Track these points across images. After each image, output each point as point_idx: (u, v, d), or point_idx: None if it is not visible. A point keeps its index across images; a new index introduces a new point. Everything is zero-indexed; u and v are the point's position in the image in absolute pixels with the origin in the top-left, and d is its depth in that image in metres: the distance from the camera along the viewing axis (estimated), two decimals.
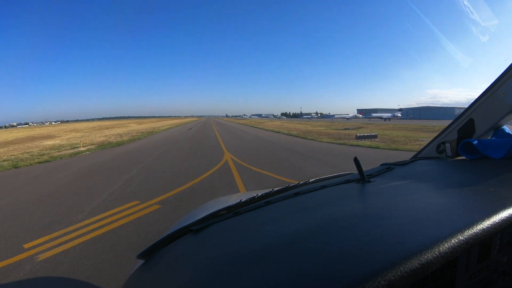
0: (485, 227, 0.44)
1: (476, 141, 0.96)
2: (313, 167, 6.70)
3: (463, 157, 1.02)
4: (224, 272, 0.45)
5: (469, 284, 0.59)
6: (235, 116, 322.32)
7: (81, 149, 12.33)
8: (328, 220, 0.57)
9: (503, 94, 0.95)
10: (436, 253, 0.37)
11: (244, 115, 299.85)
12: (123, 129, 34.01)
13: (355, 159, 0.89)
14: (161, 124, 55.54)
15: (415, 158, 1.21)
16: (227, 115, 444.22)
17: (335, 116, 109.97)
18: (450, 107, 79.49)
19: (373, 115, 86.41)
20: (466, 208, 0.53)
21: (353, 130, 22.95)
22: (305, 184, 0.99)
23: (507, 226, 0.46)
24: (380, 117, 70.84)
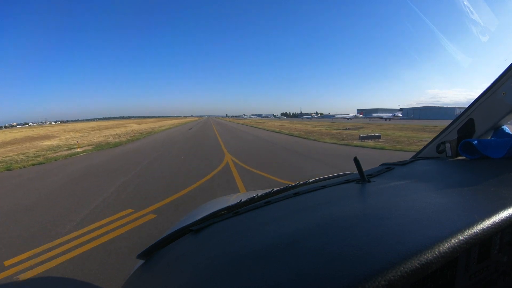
0: (485, 227, 0.44)
1: (476, 141, 0.96)
2: (319, 170, 6.38)
3: (463, 157, 1.02)
4: (224, 272, 0.45)
5: (469, 284, 0.59)
6: (235, 116, 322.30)
7: (78, 150, 12.24)
8: (328, 220, 0.57)
9: (503, 94, 0.95)
10: (436, 253, 0.37)
11: (244, 115, 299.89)
12: (122, 129, 33.96)
13: (355, 159, 0.89)
14: (160, 124, 55.43)
15: (415, 158, 1.21)
16: (227, 115, 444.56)
17: (335, 116, 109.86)
18: (451, 107, 79.44)
19: (374, 115, 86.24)
20: (466, 208, 0.53)
21: (354, 130, 22.79)
22: (305, 184, 0.99)
23: (507, 226, 0.46)
24: (381, 117, 70.69)
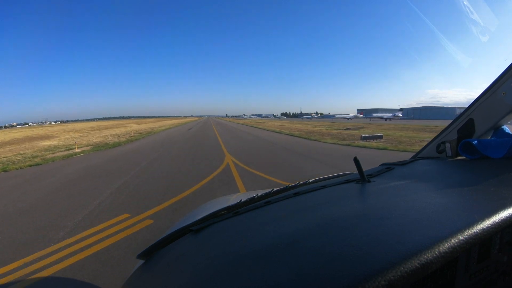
0: (485, 227, 0.44)
1: (476, 141, 0.96)
2: (322, 171, 6.10)
3: (463, 157, 1.02)
4: (224, 272, 0.45)
5: (469, 284, 0.59)
6: (235, 116, 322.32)
7: (76, 150, 12.10)
8: (328, 220, 0.57)
9: (503, 94, 0.95)
10: (436, 253, 0.37)
11: (244, 115, 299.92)
12: (122, 129, 33.89)
13: (355, 159, 0.89)
14: (160, 124, 55.29)
15: (415, 158, 1.21)
16: (227, 115, 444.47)
17: (336, 116, 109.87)
18: (451, 107, 79.36)
19: (374, 115, 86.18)
20: (466, 208, 0.53)
21: (355, 130, 22.68)
22: (305, 184, 0.99)
23: (507, 226, 0.46)
24: (381, 117, 70.65)
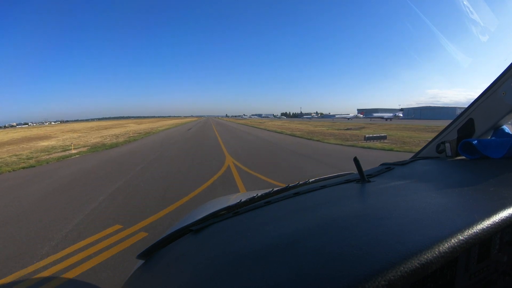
0: (485, 226, 0.44)
1: (476, 141, 0.96)
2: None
3: (463, 157, 1.02)
4: (224, 272, 0.45)
5: (469, 284, 0.59)
6: (235, 116, 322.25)
7: (72, 151, 11.92)
8: (328, 220, 0.57)
9: (503, 94, 0.95)
10: (436, 253, 0.37)
11: (244, 115, 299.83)
12: (121, 130, 33.81)
13: (355, 159, 0.89)
14: (160, 124, 55.14)
15: (415, 158, 1.21)
16: (227, 115, 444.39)
17: (336, 116, 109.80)
18: (452, 107, 79.25)
19: (374, 115, 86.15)
20: (466, 208, 0.53)
21: (356, 131, 22.50)
22: (305, 184, 0.99)
23: (507, 226, 0.46)
24: (381, 117, 70.56)
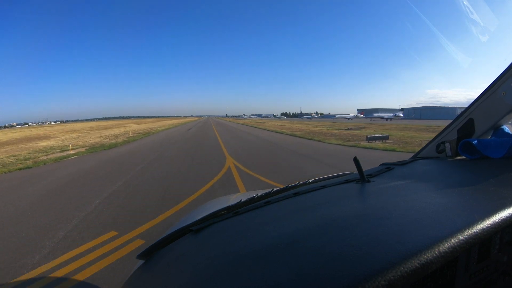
0: (485, 226, 0.44)
1: (476, 141, 0.96)
2: None
3: (463, 157, 1.02)
4: (224, 272, 0.45)
5: (469, 284, 0.59)
6: (235, 116, 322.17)
7: (70, 152, 11.80)
8: (328, 220, 0.57)
9: (503, 93, 0.95)
10: (436, 253, 0.37)
11: (244, 115, 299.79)
12: (120, 130, 33.68)
13: (355, 159, 0.89)
14: (160, 124, 54.98)
15: (415, 158, 1.21)
16: (227, 115, 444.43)
17: (336, 116, 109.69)
18: (452, 107, 79.11)
19: (375, 115, 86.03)
20: (466, 208, 0.53)
21: (356, 131, 22.36)
22: (305, 184, 0.99)
23: (507, 226, 0.46)
24: (382, 117, 70.45)
